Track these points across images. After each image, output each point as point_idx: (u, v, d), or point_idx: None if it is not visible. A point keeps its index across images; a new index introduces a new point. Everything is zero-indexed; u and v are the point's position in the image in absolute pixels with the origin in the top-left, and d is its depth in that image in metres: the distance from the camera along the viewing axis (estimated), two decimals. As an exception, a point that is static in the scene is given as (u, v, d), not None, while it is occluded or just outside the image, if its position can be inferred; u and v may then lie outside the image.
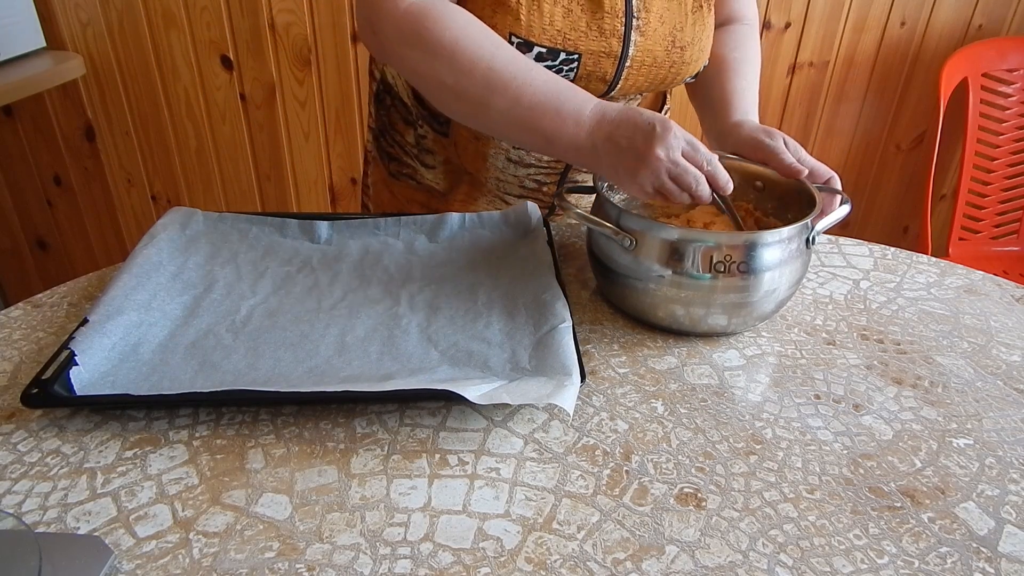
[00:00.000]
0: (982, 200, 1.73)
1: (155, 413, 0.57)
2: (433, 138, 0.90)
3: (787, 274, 0.65)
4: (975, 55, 1.66)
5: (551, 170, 0.88)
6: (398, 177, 0.95)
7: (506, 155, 0.86)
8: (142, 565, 0.45)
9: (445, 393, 0.55)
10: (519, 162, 0.86)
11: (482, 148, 0.86)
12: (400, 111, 0.92)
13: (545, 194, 0.90)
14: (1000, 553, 0.48)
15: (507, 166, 0.87)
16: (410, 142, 0.92)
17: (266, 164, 1.79)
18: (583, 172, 0.89)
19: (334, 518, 0.49)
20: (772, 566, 0.46)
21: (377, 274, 0.74)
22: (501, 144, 0.85)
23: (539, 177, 0.88)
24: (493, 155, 0.86)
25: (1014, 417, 0.60)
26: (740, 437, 0.57)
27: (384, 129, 0.95)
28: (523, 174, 0.87)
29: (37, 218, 1.87)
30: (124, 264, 0.71)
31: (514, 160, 0.86)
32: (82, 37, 1.62)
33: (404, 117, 0.91)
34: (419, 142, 0.91)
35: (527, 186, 0.89)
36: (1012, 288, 0.78)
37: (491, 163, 0.87)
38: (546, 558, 0.47)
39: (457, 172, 0.91)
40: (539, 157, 0.86)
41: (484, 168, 0.88)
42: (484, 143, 0.86)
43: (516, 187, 0.89)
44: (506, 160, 0.86)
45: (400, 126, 0.92)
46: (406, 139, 0.92)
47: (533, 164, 0.87)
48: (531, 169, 0.87)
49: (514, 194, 0.90)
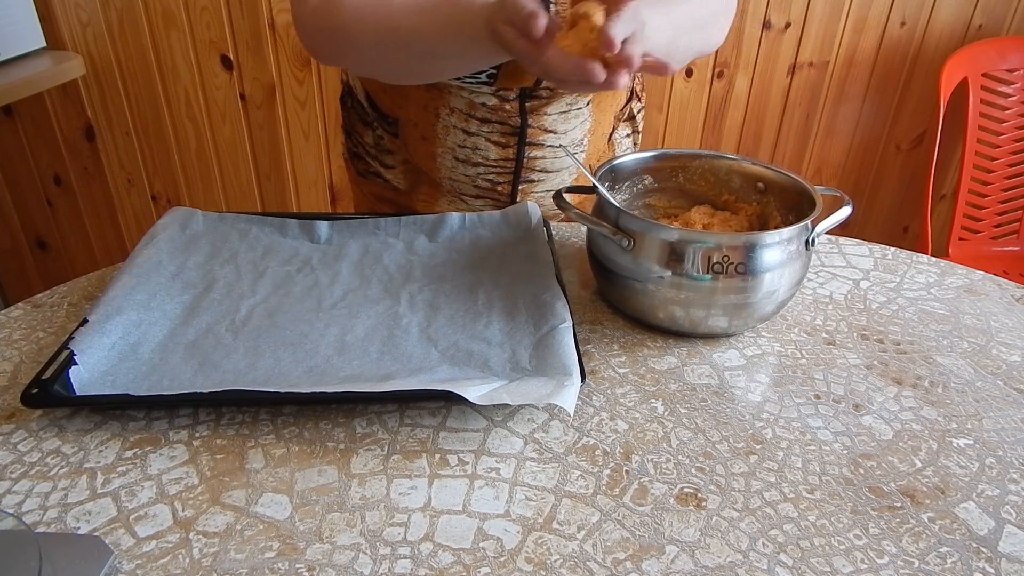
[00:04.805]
0: (982, 200, 1.73)
1: (155, 413, 0.57)
2: (388, 139, 0.90)
3: (787, 275, 0.65)
4: (975, 55, 1.66)
5: (501, 169, 0.87)
6: (365, 176, 0.96)
7: (453, 154, 0.86)
8: (142, 565, 0.45)
9: (445, 393, 0.55)
10: (467, 161, 0.86)
11: (430, 148, 0.86)
12: (359, 112, 0.93)
13: (500, 193, 0.89)
14: (1000, 553, 0.48)
15: (456, 165, 0.86)
16: (369, 143, 0.93)
17: (266, 164, 1.79)
18: (536, 171, 0.88)
19: (334, 518, 0.49)
20: (772, 566, 0.46)
21: (377, 274, 0.74)
22: (447, 143, 0.85)
23: (490, 176, 0.87)
24: (441, 155, 0.86)
25: (1014, 417, 0.60)
26: (740, 437, 0.57)
27: (349, 130, 0.97)
28: (473, 173, 0.87)
29: (37, 218, 1.87)
30: (124, 264, 0.71)
31: (462, 159, 0.86)
32: (82, 37, 1.62)
33: (362, 118, 0.93)
34: (377, 143, 0.92)
35: (480, 185, 0.88)
36: (1012, 288, 0.78)
37: (440, 163, 0.87)
38: (546, 558, 0.47)
39: (416, 172, 0.91)
40: (486, 156, 0.85)
41: (435, 168, 0.88)
42: (431, 143, 0.86)
43: (470, 186, 0.89)
44: (454, 160, 0.86)
45: (359, 127, 0.94)
46: (365, 140, 0.93)
47: (481, 163, 0.86)
48: (480, 168, 0.86)
49: (470, 194, 0.89)
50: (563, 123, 0.85)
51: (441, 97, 0.83)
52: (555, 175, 0.89)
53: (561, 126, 0.85)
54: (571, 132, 0.86)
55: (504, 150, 0.85)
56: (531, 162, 0.86)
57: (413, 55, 0.74)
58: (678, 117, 1.79)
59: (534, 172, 0.88)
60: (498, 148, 0.85)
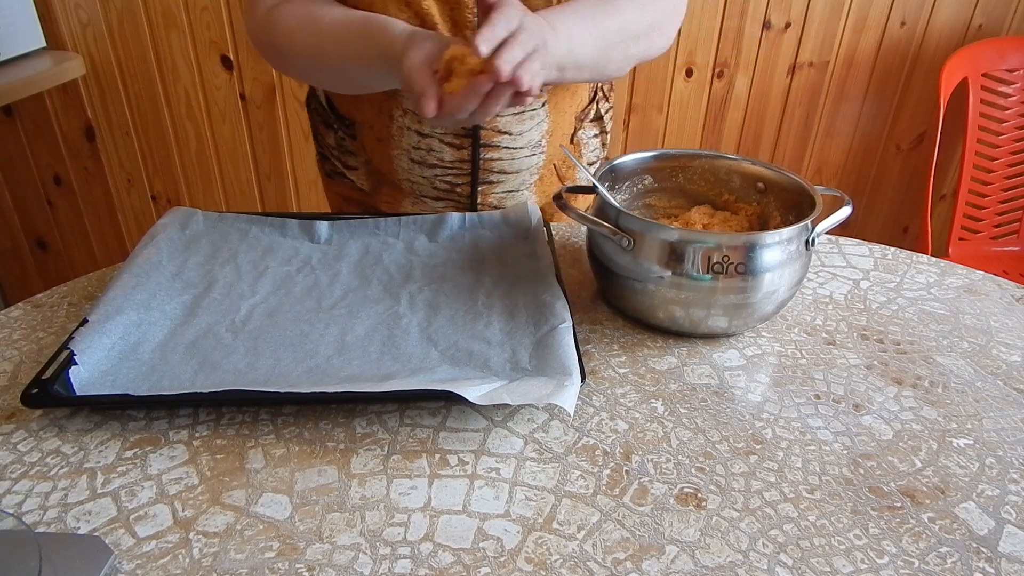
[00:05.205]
0: (982, 200, 1.73)
1: (155, 413, 0.57)
2: (349, 140, 0.91)
3: (787, 275, 0.65)
4: (975, 55, 1.66)
5: (458, 170, 0.86)
6: (332, 177, 0.97)
7: (408, 156, 0.86)
8: (142, 565, 0.45)
9: (445, 393, 0.55)
10: (422, 163, 0.86)
11: (386, 150, 0.86)
12: (320, 114, 0.94)
13: (460, 195, 0.88)
14: (1000, 553, 0.48)
15: (413, 167, 0.86)
16: (332, 144, 0.93)
17: (266, 164, 1.79)
18: (494, 172, 0.87)
19: (334, 518, 0.49)
20: (772, 566, 0.47)
21: (377, 274, 0.74)
22: (402, 144, 0.85)
23: (448, 178, 0.87)
24: (397, 156, 0.86)
25: (1014, 417, 0.60)
26: (740, 437, 0.57)
27: (314, 132, 0.97)
28: (430, 175, 0.86)
29: (37, 218, 1.87)
30: (124, 264, 0.71)
31: (417, 161, 0.86)
32: (82, 37, 1.62)
33: (324, 120, 0.93)
34: (340, 144, 0.92)
35: (439, 187, 0.88)
36: (1012, 288, 0.78)
37: (397, 164, 0.87)
38: (546, 558, 0.47)
39: (378, 173, 0.91)
40: (441, 157, 0.85)
41: (394, 170, 0.88)
42: (386, 144, 0.86)
43: (429, 188, 0.88)
44: (410, 161, 0.86)
45: (322, 129, 0.94)
46: (328, 142, 0.94)
47: (437, 165, 0.86)
48: (436, 170, 0.86)
49: (430, 196, 0.89)
50: (517, 124, 0.84)
51: (394, 99, 0.83)
52: (515, 176, 0.88)
53: (516, 127, 0.84)
54: (527, 133, 0.85)
55: (459, 151, 0.85)
56: (488, 163, 0.85)
57: (344, 79, 0.78)
58: (678, 117, 1.79)
59: (492, 173, 0.87)
60: (452, 149, 0.85)
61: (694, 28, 1.68)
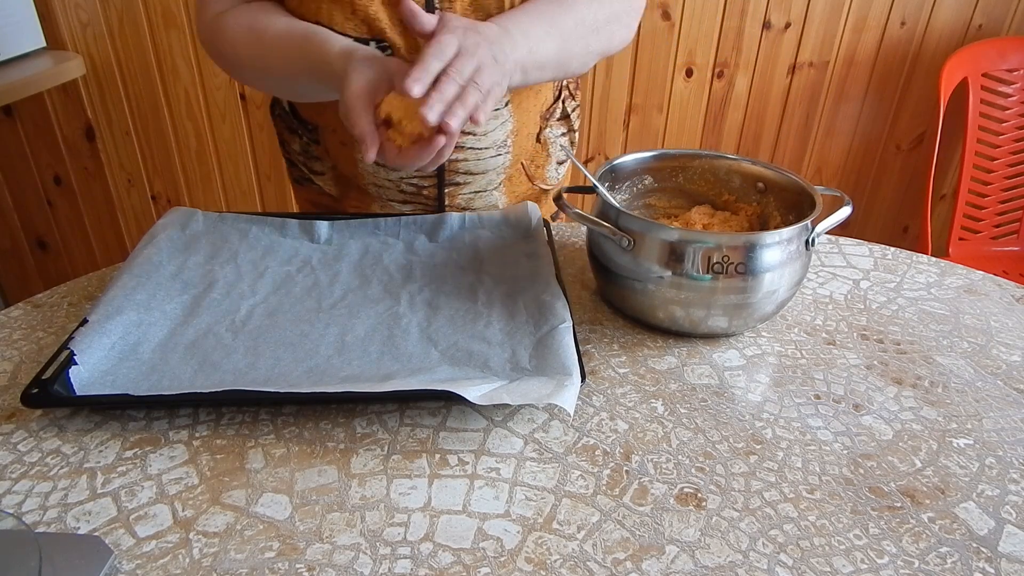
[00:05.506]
0: (982, 200, 1.73)
1: (155, 413, 0.57)
2: (314, 146, 0.90)
3: (787, 275, 0.65)
4: (975, 55, 1.66)
5: (422, 173, 0.85)
6: (301, 183, 0.96)
7: None
8: (142, 565, 0.45)
9: (445, 393, 0.55)
10: (386, 165, 0.84)
11: (350, 153, 0.86)
12: (285, 120, 0.93)
13: (427, 197, 0.87)
14: (1000, 553, 0.48)
15: (377, 170, 0.85)
16: (297, 150, 0.92)
17: (266, 164, 1.79)
18: (460, 173, 0.86)
19: (334, 518, 0.49)
20: (772, 566, 0.47)
21: (377, 274, 0.74)
22: None
23: (413, 180, 0.86)
24: (360, 160, 0.85)
25: (1014, 417, 0.60)
26: (740, 437, 0.57)
27: (280, 138, 0.96)
28: (395, 177, 0.86)
29: (37, 218, 1.87)
30: (124, 264, 0.71)
31: (381, 164, 0.83)
32: (82, 37, 1.62)
33: (288, 126, 0.92)
34: (305, 150, 0.91)
35: (405, 190, 0.87)
36: (1012, 288, 0.78)
37: (362, 168, 0.86)
38: (546, 558, 0.47)
39: (344, 178, 0.90)
40: None
41: (358, 174, 0.87)
42: (350, 148, 0.85)
43: (395, 191, 0.87)
44: (374, 164, 0.85)
45: (287, 135, 0.93)
46: (293, 147, 0.93)
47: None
48: (401, 172, 0.85)
49: (396, 199, 0.88)
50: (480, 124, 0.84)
51: None
52: (482, 176, 0.87)
53: (479, 127, 0.83)
54: (492, 134, 0.84)
55: None
56: (453, 164, 0.85)
57: (292, 90, 0.79)
58: (678, 117, 1.79)
59: (458, 175, 0.86)
60: None
61: (694, 28, 1.68)
